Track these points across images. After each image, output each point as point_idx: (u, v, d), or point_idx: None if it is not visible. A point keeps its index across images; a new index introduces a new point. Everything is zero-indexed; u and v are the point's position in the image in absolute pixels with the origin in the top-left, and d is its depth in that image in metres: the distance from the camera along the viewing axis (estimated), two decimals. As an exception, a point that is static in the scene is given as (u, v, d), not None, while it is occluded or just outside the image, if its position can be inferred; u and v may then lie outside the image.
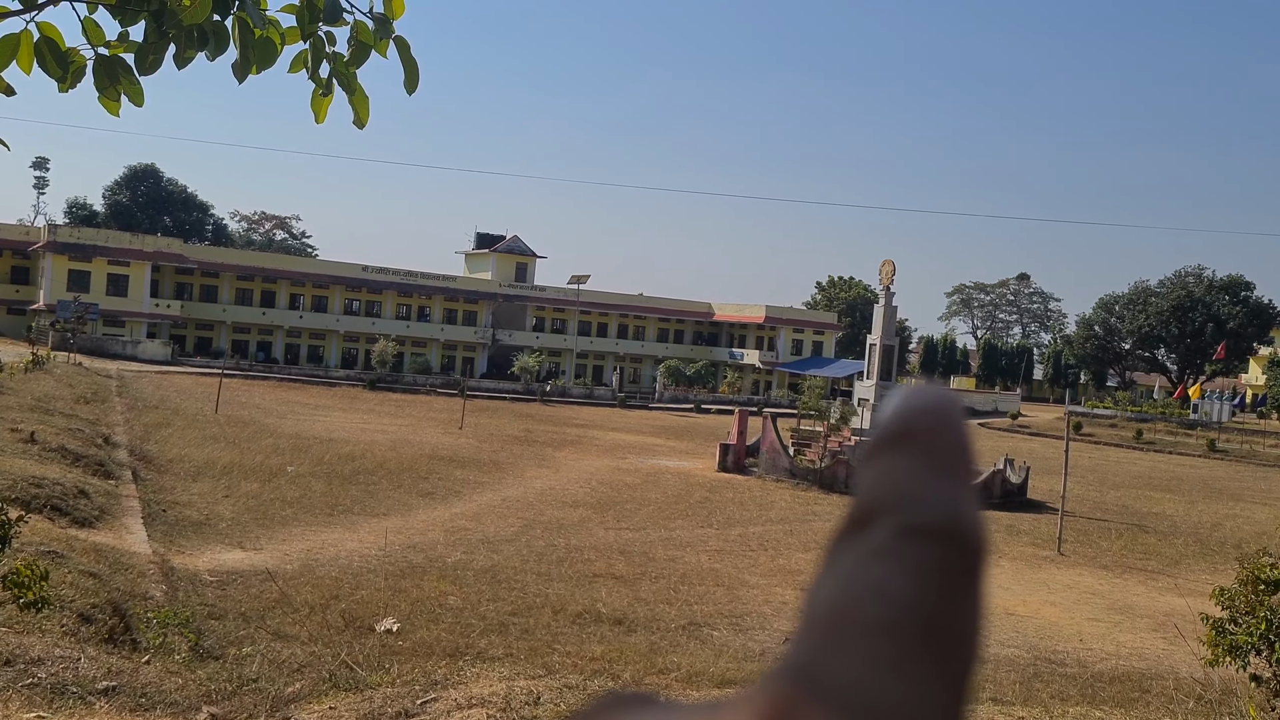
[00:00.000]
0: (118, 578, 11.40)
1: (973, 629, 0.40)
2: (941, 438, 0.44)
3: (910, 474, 0.43)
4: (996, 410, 79.20)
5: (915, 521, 0.41)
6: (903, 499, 0.42)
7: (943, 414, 0.46)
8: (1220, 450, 58.14)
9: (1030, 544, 23.59)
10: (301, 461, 25.68)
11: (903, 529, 0.41)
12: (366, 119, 3.09)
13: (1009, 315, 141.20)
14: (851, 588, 0.40)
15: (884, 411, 0.46)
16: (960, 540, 0.41)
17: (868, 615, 0.39)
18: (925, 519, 0.41)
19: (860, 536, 0.42)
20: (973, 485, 0.43)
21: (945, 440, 0.44)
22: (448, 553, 17.20)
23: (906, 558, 0.40)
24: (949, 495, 0.42)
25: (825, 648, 0.39)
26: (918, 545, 0.40)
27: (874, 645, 0.38)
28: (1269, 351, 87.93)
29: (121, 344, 58.82)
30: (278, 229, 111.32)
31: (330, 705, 7.69)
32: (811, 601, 0.40)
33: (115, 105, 2.99)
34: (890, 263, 35.65)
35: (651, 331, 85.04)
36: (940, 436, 0.45)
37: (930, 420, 0.45)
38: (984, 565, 0.41)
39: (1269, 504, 35.84)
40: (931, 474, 0.43)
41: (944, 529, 0.41)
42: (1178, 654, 13.50)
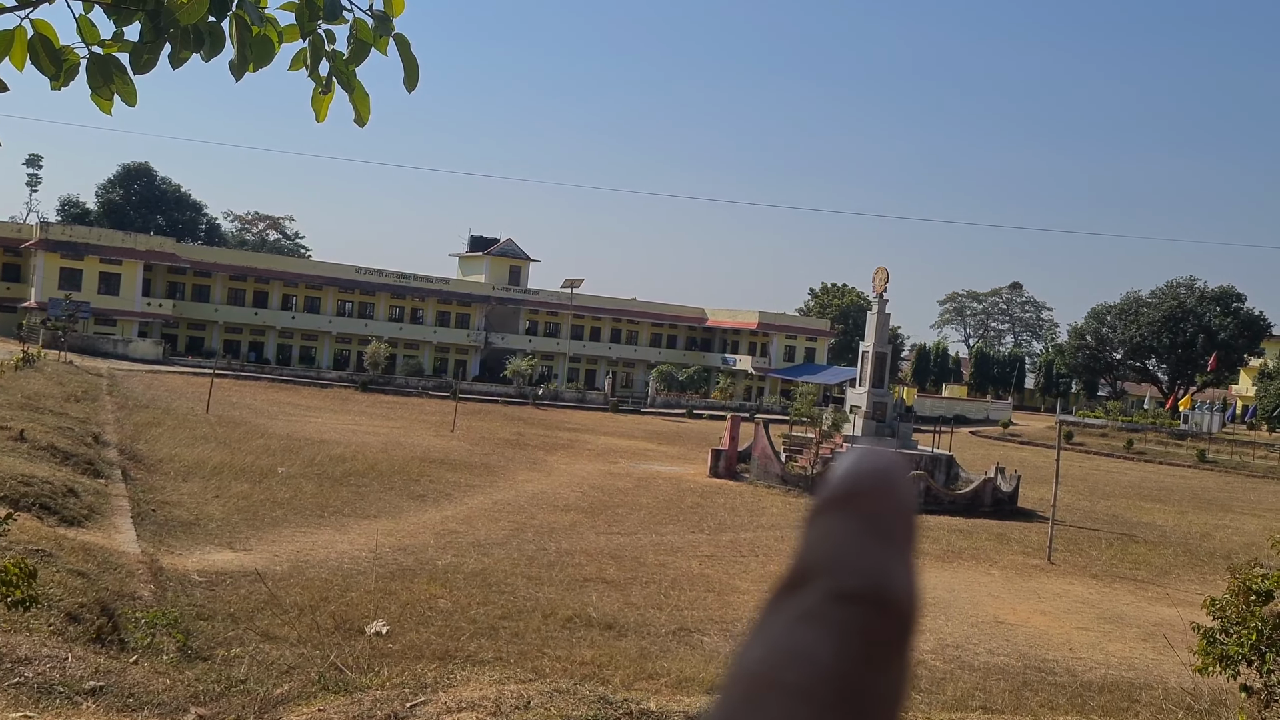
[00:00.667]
0: (106, 577, 11.35)
1: (893, 696, 0.41)
2: (883, 503, 0.45)
3: (848, 538, 0.43)
4: (988, 418, 79.36)
5: (845, 586, 0.41)
6: (837, 563, 0.42)
7: (886, 479, 0.46)
8: (1210, 461, 58.31)
9: (1021, 552, 23.61)
10: (292, 463, 25.61)
11: (832, 593, 0.41)
12: (367, 117, 3.08)
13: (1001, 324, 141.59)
14: (776, 650, 0.40)
15: (832, 473, 0.47)
16: (889, 607, 0.41)
17: (788, 679, 0.39)
18: (855, 584, 0.41)
19: (793, 598, 0.42)
20: (911, 552, 0.44)
21: (887, 505, 0.45)
22: (438, 555, 17.16)
23: (832, 622, 0.40)
24: (883, 561, 0.42)
25: (742, 709, 0.39)
26: (845, 610, 0.41)
27: (789, 709, 0.38)
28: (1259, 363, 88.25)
29: (113, 343, 58.66)
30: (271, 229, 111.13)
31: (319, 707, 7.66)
32: (737, 662, 0.41)
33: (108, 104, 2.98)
34: (883, 270, 35.69)
35: (644, 336, 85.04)
36: (882, 501, 0.45)
37: (874, 484, 0.45)
38: (912, 633, 0.42)
39: (1258, 515, 35.95)
40: (869, 539, 0.43)
41: (873, 595, 0.41)
42: (1167, 664, 13.52)
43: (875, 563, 0.42)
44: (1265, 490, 47.40)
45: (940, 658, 13.74)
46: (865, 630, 0.40)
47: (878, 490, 0.45)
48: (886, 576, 0.42)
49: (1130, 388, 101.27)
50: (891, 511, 0.44)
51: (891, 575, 0.42)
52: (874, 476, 0.46)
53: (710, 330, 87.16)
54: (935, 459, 33.24)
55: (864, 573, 0.42)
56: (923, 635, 14.92)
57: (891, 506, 0.45)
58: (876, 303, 35.82)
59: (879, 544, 0.43)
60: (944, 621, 15.97)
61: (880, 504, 0.45)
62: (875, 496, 0.45)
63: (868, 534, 0.43)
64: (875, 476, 0.46)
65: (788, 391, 74.21)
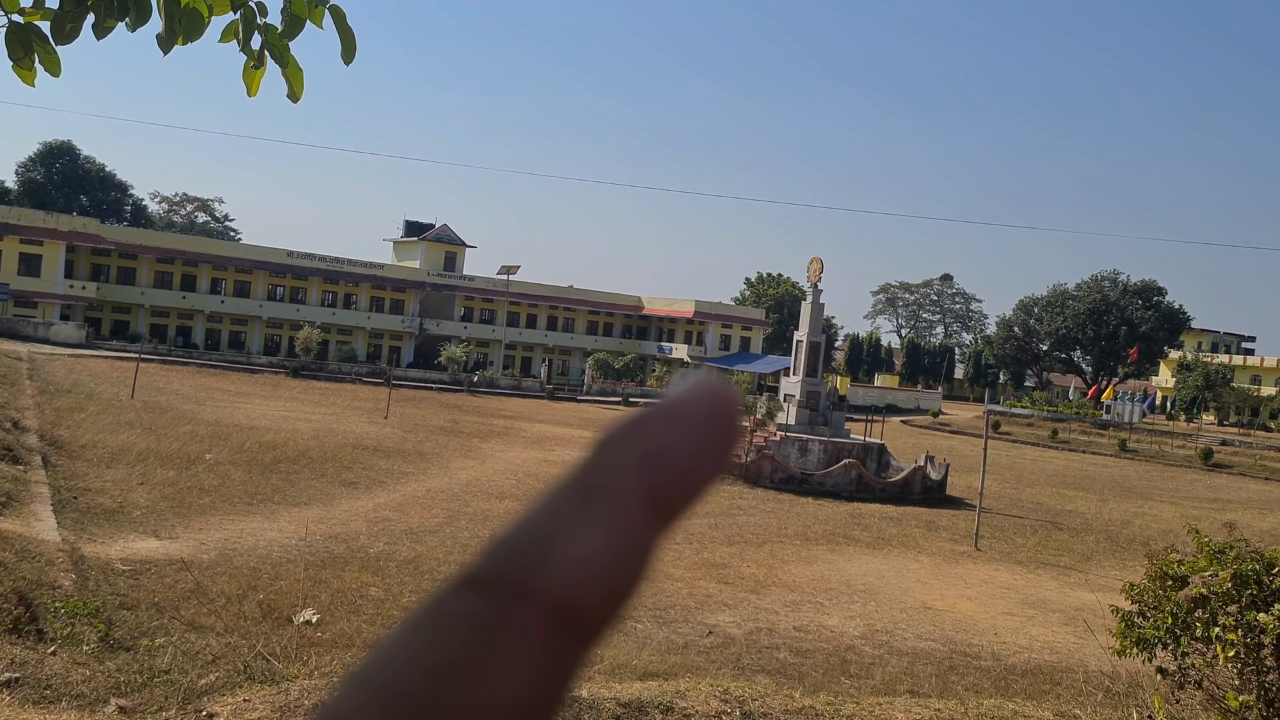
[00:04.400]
0: (24, 566, 11.04)
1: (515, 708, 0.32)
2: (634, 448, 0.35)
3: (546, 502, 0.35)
4: (919, 408, 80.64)
5: (477, 570, 0.34)
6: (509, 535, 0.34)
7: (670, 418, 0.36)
8: (1131, 450, 59.93)
9: (948, 540, 24.05)
10: (220, 449, 25.13)
11: (462, 579, 0.34)
12: (300, 93, 3.02)
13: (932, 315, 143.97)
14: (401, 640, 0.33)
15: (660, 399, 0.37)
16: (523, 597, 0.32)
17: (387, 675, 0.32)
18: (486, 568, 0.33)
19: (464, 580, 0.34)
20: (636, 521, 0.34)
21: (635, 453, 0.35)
22: (370, 543, 16.98)
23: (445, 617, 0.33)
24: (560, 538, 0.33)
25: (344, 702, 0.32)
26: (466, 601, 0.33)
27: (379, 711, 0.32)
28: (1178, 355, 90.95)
29: (33, 326, 56.98)
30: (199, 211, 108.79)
31: (245, 698, 7.54)
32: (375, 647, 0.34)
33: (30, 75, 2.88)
34: (818, 260, 36.03)
35: (581, 324, 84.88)
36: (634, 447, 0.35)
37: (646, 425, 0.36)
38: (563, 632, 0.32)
39: (1176, 503, 37.05)
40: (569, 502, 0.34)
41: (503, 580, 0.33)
42: (1087, 648, 13.88)
43: (547, 535, 0.33)
44: (1183, 479, 48.88)
45: (870, 643, 13.95)
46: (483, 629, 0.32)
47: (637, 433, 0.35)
48: (545, 553, 0.33)
49: (1056, 378, 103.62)
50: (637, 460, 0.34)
51: (549, 551, 0.33)
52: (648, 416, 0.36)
53: (646, 319, 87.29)
54: (867, 447, 33.69)
55: (518, 548, 0.33)
56: (853, 621, 15.15)
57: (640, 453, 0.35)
58: (811, 293, 36.14)
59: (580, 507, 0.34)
60: (874, 607, 16.22)
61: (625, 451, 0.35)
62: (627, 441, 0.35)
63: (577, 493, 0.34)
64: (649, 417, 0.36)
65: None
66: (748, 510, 25.87)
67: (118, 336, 64.15)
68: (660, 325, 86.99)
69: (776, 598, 16.24)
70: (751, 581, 17.25)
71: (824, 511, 26.91)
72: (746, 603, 15.68)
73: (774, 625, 14.45)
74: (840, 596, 16.81)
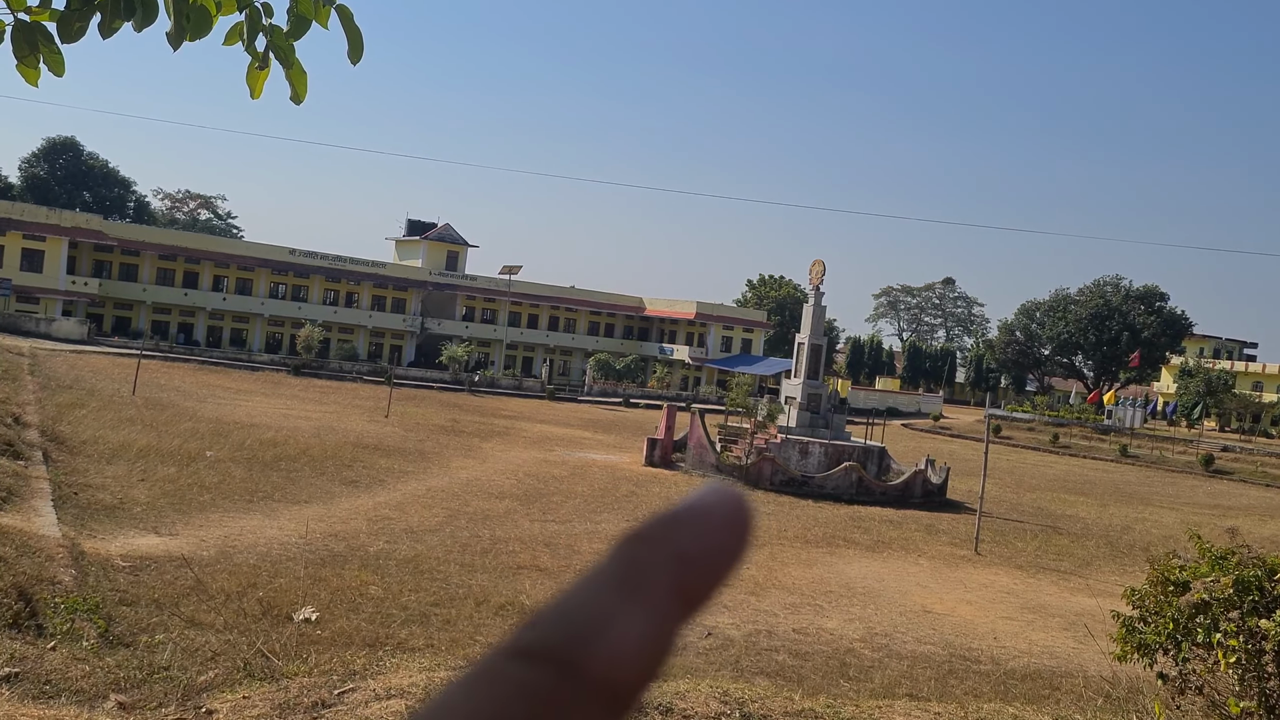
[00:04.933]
0: (24, 561, 11.04)
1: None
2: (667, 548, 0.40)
3: (595, 584, 0.39)
4: (919, 411, 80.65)
5: (527, 641, 0.37)
6: (548, 614, 0.38)
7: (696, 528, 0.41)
8: (1132, 455, 59.90)
9: (948, 543, 24.04)
10: (221, 446, 25.14)
11: (515, 648, 0.37)
12: (304, 95, 3.01)
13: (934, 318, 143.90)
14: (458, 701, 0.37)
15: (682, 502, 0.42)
16: (574, 671, 0.36)
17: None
18: (542, 639, 0.37)
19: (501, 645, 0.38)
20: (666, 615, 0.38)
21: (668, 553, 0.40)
22: (370, 542, 16.98)
23: (499, 683, 0.36)
24: (604, 617, 0.37)
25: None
26: (520, 669, 0.37)
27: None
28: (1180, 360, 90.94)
29: (35, 321, 57.02)
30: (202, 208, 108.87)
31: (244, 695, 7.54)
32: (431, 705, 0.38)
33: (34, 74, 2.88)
34: (820, 263, 36.01)
35: (582, 324, 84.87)
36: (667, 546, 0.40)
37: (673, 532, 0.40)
38: (605, 706, 0.37)
39: (1176, 508, 37.02)
40: (618, 589, 0.38)
41: (558, 653, 0.37)
42: (1087, 653, 13.87)
43: (591, 615, 0.37)
44: (1183, 484, 48.85)
45: (869, 646, 13.94)
46: (535, 697, 0.36)
47: (667, 534, 0.40)
48: (593, 633, 0.37)
49: (1057, 383, 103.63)
50: (669, 559, 0.39)
51: (602, 632, 0.37)
52: (674, 519, 0.41)
53: (648, 320, 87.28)
54: (868, 451, 33.68)
55: (566, 626, 0.37)
56: (853, 623, 15.15)
57: (672, 553, 0.39)
58: (813, 295, 36.13)
59: (623, 595, 0.38)
60: (873, 610, 16.21)
61: (659, 550, 0.39)
62: (660, 540, 0.40)
63: (619, 582, 0.38)
64: (675, 519, 0.41)
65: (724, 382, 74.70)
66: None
67: (119, 333, 64.19)
68: (662, 326, 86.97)
69: (776, 600, 16.23)
70: (751, 583, 17.24)
71: (824, 514, 26.90)
72: (746, 604, 15.67)
73: (773, 627, 14.44)
74: (840, 599, 16.80)
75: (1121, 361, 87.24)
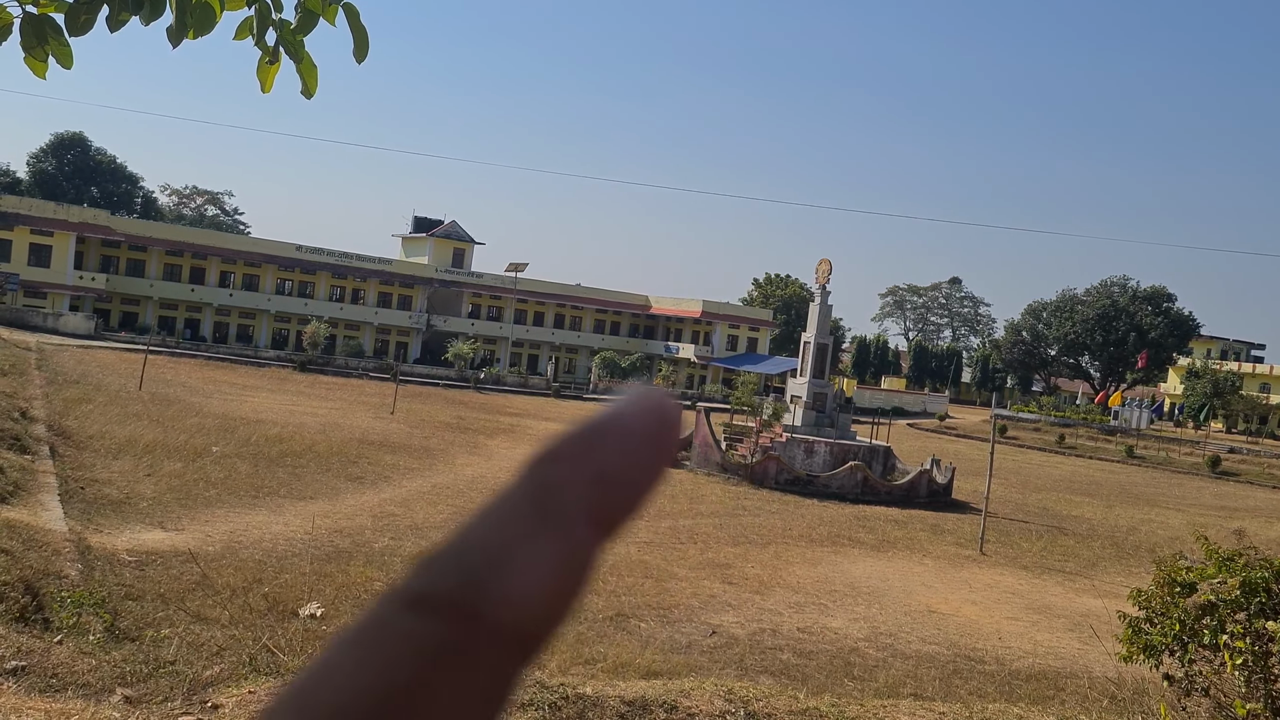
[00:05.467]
0: (31, 555, 11.07)
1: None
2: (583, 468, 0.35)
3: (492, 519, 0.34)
4: (925, 411, 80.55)
5: (421, 589, 0.33)
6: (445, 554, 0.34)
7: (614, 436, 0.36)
8: (1138, 457, 59.78)
9: (954, 543, 24.01)
10: (227, 442, 25.18)
11: (407, 597, 0.33)
12: (315, 89, 3.01)
13: (940, 318, 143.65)
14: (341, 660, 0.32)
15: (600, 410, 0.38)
16: (472, 619, 0.32)
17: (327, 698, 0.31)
18: (433, 587, 0.33)
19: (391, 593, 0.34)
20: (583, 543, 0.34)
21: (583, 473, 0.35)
22: (375, 538, 17.00)
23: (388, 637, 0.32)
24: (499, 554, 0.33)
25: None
26: (411, 621, 0.32)
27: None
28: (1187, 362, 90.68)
29: (42, 316, 57.14)
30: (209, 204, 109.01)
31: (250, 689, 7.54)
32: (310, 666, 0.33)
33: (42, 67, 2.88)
34: (827, 262, 35.98)
35: (588, 322, 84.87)
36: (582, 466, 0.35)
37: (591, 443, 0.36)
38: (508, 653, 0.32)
39: (1182, 510, 36.94)
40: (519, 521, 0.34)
41: (452, 601, 0.32)
42: (1092, 654, 13.84)
43: (491, 555, 0.33)
44: (1189, 486, 48.74)
45: (874, 646, 13.93)
46: (428, 649, 0.32)
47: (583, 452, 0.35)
48: (491, 575, 0.32)
49: (1063, 384, 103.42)
50: (584, 480, 0.35)
51: (501, 573, 0.32)
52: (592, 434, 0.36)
53: (654, 318, 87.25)
54: (873, 450, 33.65)
55: (462, 569, 0.33)
56: (857, 623, 15.14)
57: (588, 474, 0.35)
58: (819, 294, 36.10)
59: (529, 527, 0.33)
60: (878, 610, 16.19)
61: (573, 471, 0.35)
62: (574, 459, 0.35)
63: (526, 512, 0.34)
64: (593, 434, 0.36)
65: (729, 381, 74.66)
66: (753, 511, 25.85)
67: (126, 328, 64.31)
68: (667, 325, 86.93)
69: (780, 599, 16.22)
70: (756, 582, 17.23)
71: (829, 513, 26.88)
72: (750, 603, 15.66)
73: (778, 626, 14.43)
74: (844, 598, 16.79)
75: (1128, 362, 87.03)
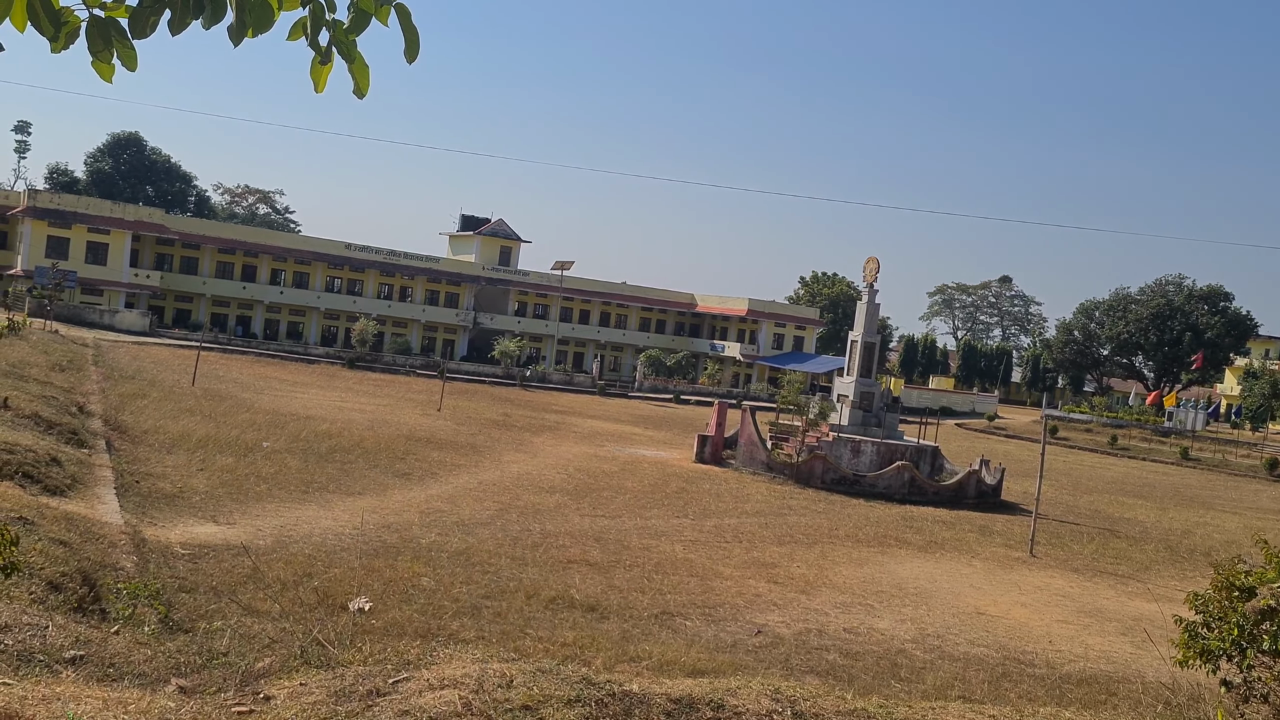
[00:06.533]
0: (88, 547, 11.30)
1: None
2: None
3: None
4: (974, 411, 79.64)
5: None
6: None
7: None
8: (1193, 459, 58.65)
9: (1003, 545, 23.73)
10: (278, 438, 25.53)
11: None
12: (367, 89, 3.04)
13: (990, 317, 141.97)
14: None
15: None
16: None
17: None
18: None
19: None
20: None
21: None
22: (422, 534, 17.15)
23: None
24: None
25: None
26: None
27: None
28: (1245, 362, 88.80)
29: (99, 313, 58.34)
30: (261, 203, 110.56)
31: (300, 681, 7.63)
32: None
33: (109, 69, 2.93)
34: (874, 260, 35.70)
35: (633, 320, 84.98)
36: None
37: None
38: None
39: (1239, 513, 36.20)
40: None
41: None
42: (1145, 658, 13.61)
43: None
44: (1246, 489, 47.73)
45: (921, 647, 13.80)
46: None
47: None
48: None
49: (1116, 384, 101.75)
50: None
51: None
52: None
53: (699, 316, 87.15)
54: (920, 450, 33.34)
55: None
56: (904, 624, 15.01)
57: None
58: (866, 293, 35.83)
59: None
60: (925, 611, 16.04)
61: None
62: None
63: None
64: None
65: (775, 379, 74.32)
66: (798, 510, 25.73)
67: (180, 325, 65.47)
68: (713, 323, 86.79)
69: (826, 599, 16.13)
70: (801, 582, 17.15)
71: (875, 513, 26.68)
72: (796, 603, 15.59)
73: (823, 626, 14.35)
74: (891, 599, 16.65)
75: (1183, 363, 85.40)
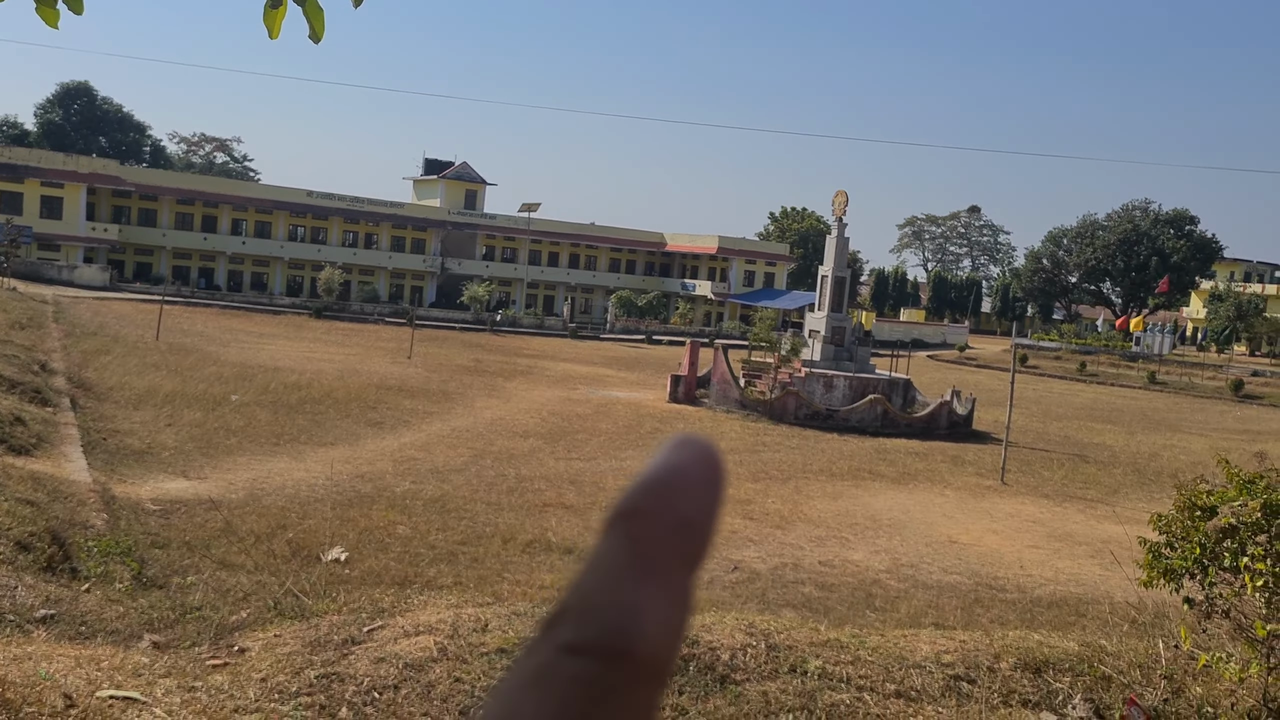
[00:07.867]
0: (56, 506, 11.19)
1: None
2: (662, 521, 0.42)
3: (607, 569, 0.42)
4: (945, 342, 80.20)
5: (577, 638, 0.40)
6: (583, 603, 0.41)
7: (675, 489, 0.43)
8: (1160, 382, 59.44)
9: (975, 474, 24.02)
10: (246, 390, 25.33)
11: (563, 646, 0.40)
12: (322, 33, 2.93)
13: (959, 248, 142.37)
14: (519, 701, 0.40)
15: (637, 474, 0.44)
16: (626, 657, 0.40)
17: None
18: (588, 635, 0.40)
19: (544, 641, 0.41)
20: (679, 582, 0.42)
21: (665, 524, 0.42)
22: (396, 482, 17.12)
23: (557, 681, 0.40)
24: (633, 601, 0.41)
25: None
26: (574, 666, 0.40)
27: None
28: (1210, 285, 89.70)
29: (57, 269, 57.31)
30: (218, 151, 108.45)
31: (275, 633, 7.63)
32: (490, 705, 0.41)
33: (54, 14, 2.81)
34: (843, 193, 35.57)
35: (603, 262, 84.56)
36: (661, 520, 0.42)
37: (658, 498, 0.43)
38: (656, 680, 0.41)
39: (1205, 435, 36.80)
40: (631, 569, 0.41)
41: (608, 645, 0.40)
42: (1113, 579, 13.87)
43: (623, 603, 0.41)
44: (1212, 411, 48.51)
45: (895, 577, 13.99)
46: (594, 687, 0.39)
47: (661, 505, 0.43)
48: (629, 621, 0.40)
49: (1085, 311, 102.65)
50: (670, 531, 0.42)
51: (637, 618, 0.40)
52: (661, 487, 0.43)
53: (669, 255, 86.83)
54: (893, 382, 33.57)
55: (604, 618, 0.40)
56: (878, 555, 15.20)
57: (671, 524, 0.42)
58: (836, 227, 35.76)
59: (640, 576, 0.41)
60: (899, 542, 16.25)
61: (658, 523, 0.42)
62: (656, 513, 0.42)
63: (631, 563, 0.42)
64: (662, 487, 0.43)
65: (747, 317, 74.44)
66: (772, 447, 25.90)
67: (141, 278, 64.48)
68: (683, 262, 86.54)
69: (801, 533, 16.29)
70: (776, 517, 17.30)
71: (849, 447, 26.91)
72: (771, 538, 15.74)
73: (799, 560, 14.50)
74: (865, 531, 16.84)
75: (1150, 287, 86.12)
